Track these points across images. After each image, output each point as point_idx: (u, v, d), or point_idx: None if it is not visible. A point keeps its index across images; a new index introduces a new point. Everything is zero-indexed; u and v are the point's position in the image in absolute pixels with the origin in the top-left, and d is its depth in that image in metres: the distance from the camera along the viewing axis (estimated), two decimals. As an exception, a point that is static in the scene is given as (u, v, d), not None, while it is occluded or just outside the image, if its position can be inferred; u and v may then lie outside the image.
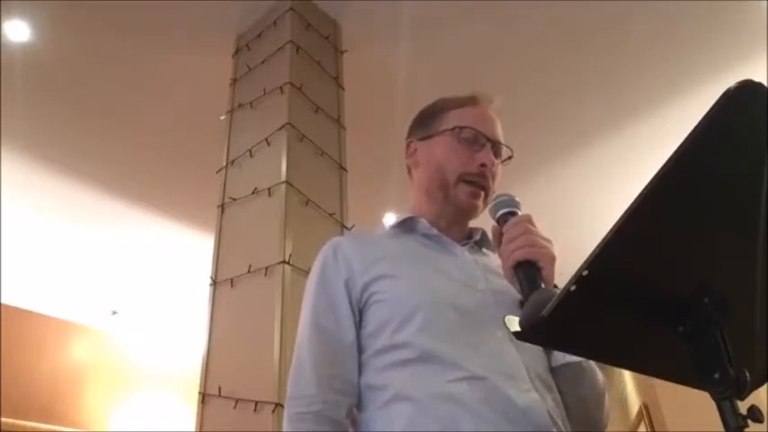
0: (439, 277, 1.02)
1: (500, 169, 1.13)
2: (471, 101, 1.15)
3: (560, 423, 0.90)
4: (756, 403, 0.55)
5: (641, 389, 4.81)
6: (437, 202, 1.12)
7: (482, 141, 1.10)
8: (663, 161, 0.53)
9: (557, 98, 3.58)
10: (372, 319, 0.98)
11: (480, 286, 1.01)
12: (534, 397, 0.88)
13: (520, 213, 0.96)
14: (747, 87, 0.51)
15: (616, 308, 0.60)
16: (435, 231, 1.10)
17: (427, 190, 1.13)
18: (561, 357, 0.98)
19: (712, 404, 0.56)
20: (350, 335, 0.98)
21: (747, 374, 0.55)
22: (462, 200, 1.09)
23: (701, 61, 3.37)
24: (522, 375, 0.90)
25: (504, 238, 0.93)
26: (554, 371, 0.98)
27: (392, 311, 0.96)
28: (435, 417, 0.86)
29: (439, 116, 1.15)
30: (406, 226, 1.13)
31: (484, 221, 1.12)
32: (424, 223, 1.11)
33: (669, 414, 4.31)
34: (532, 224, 0.93)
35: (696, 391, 0.60)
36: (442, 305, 0.96)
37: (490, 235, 1.02)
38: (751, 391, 0.57)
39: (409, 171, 1.21)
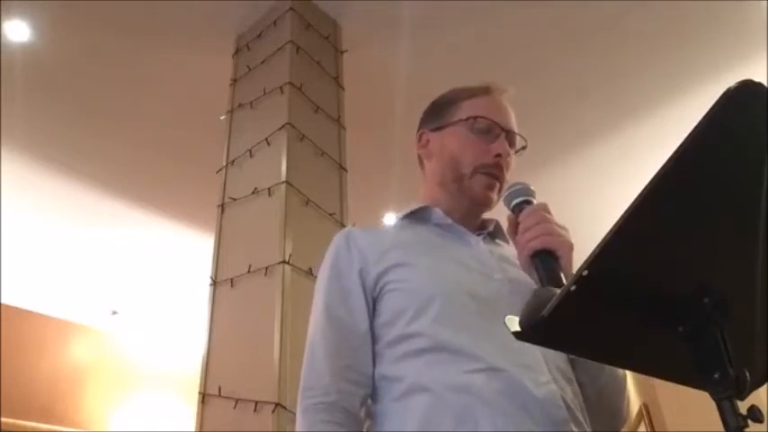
0: (455, 266, 1.00)
1: (514, 159, 1.11)
2: (484, 90, 1.14)
3: (580, 415, 0.89)
4: (756, 403, 0.55)
5: (641, 389, 4.81)
6: (451, 194, 1.10)
7: (496, 131, 1.09)
8: (663, 161, 0.53)
9: (557, 98, 3.58)
10: (386, 308, 0.96)
11: (497, 276, 1.00)
12: (553, 389, 0.87)
13: (535, 202, 0.95)
14: (747, 87, 0.51)
15: (616, 308, 0.59)
16: (449, 221, 1.08)
17: (441, 181, 1.11)
18: None
19: (712, 404, 0.56)
20: (364, 324, 0.97)
21: (747, 374, 0.55)
22: (478, 191, 1.07)
23: (701, 61, 3.37)
24: (541, 367, 0.89)
25: (521, 228, 0.91)
26: (573, 362, 0.96)
27: (407, 301, 0.95)
28: (452, 409, 0.85)
29: (451, 106, 1.14)
30: (418, 216, 1.11)
31: (496, 212, 1.11)
32: (438, 213, 1.09)
33: (669, 414, 4.31)
34: (548, 212, 0.91)
35: (696, 391, 0.60)
36: (459, 294, 0.95)
37: (504, 225, 1.00)
38: (751, 391, 0.57)
39: (420, 162, 1.19)
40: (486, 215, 1.15)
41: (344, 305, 0.99)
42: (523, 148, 1.13)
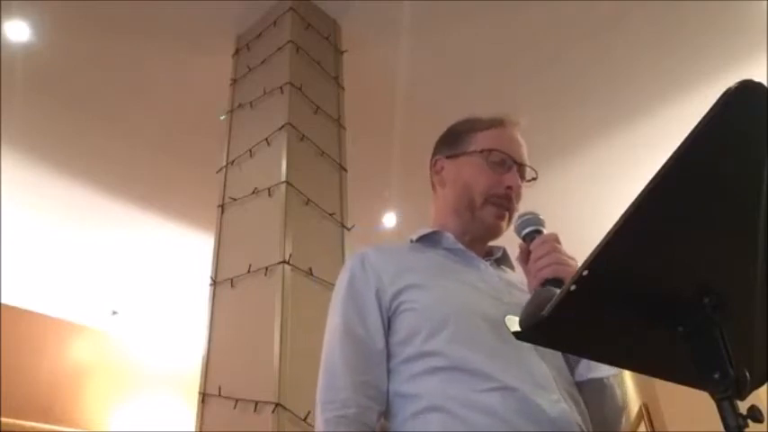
0: (466, 289, 1.05)
1: (523, 190, 1.16)
2: (499, 122, 1.19)
3: None
4: (756, 403, 0.55)
5: (641, 389, 4.81)
6: (464, 220, 1.15)
7: (509, 164, 1.14)
8: (663, 161, 0.53)
9: (557, 98, 3.58)
10: (402, 327, 1.01)
11: (506, 299, 1.04)
12: (564, 408, 0.90)
13: (545, 231, 1.00)
14: (747, 87, 0.51)
15: (616, 308, 0.60)
16: (460, 246, 1.13)
17: (455, 208, 1.17)
18: (584, 373, 1.01)
19: (712, 404, 0.56)
20: (381, 343, 1.01)
21: (747, 374, 0.55)
22: (489, 221, 1.13)
23: (701, 61, 3.37)
24: (552, 386, 0.92)
25: (532, 257, 0.96)
26: (576, 386, 1.00)
27: (422, 320, 0.99)
28: (468, 427, 0.88)
29: (467, 136, 1.19)
30: (430, 240, 1.15)
31: (504, 239, 1.16)
32: (449, 237, 1.14)
33: (669, 414, 4.31)
34: (558, 242, 0.96)
35: (696, 391, 0.60)
36: (473, 315, 0.99)
37: (512, 252, 1.05)
38: (751, 391, 0.57)
39: (433, 186, 1.25)
40: (494, 242, 1.20)
41: (362, 323, 1.03)
42: (533, 179, 1.18)
